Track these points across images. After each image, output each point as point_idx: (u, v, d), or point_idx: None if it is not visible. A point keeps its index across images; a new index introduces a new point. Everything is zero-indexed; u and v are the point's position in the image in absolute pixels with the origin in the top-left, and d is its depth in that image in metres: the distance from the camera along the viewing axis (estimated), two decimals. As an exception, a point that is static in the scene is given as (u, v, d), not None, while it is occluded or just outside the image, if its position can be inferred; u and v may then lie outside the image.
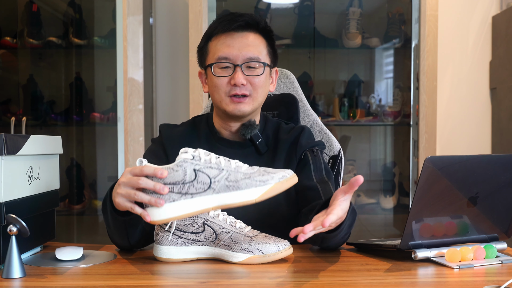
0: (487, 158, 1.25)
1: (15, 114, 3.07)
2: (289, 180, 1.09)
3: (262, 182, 1.07)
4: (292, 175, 1.10)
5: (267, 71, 1.42)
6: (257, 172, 1.09)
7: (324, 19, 3.12)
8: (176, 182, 1.08)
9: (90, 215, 3.12)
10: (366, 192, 3.18)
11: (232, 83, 1.36)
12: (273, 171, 1.10)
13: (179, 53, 3.11)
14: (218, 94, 1.39)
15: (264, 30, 1.42)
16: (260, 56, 1.39)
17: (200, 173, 1.08)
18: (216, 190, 1.07)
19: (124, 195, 1.10)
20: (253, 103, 1.39)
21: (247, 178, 1.08)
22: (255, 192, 1.07)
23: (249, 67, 1.38)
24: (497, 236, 1.25)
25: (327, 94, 3.21)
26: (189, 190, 1.08)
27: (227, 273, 1.11)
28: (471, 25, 3.18)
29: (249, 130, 1.40)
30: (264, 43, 1.42)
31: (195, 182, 1.07)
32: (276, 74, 1.50)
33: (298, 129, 1.47)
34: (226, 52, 1.37)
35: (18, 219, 1.07)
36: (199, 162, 1.08)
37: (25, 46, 3.06)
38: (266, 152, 1.44)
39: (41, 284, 1.04)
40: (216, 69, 1.38)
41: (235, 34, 1.39)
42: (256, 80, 1.38)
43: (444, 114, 3.15)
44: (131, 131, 2.69)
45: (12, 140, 1.16)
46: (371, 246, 1.28)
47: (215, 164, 1.09)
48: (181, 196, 1.08)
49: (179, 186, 1.08)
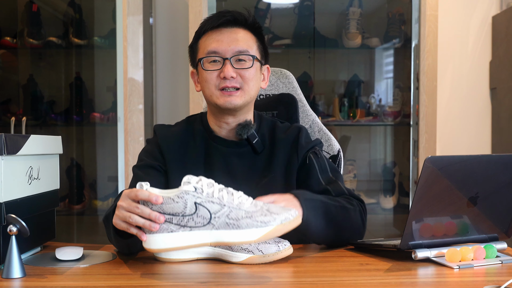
0: (487, 158, 1.25)
1: (15, 114, 3.07)
2: (291, 223, 1.06)
3: (264, 223, 1.04)
4: (295, 217, 1.06)
5: (257, 66, 1.42)
6: (260, 211, 1.06)
7: (324, 19, 3.12)
8: (176, 213, 1.05)
9: (90, 215, 3.12)
10: (366, 192, 3.19)
11: (221, 76, 1.37)
12: (276, 210, 1.06)
13: (179, 53, 3.11)
14: (208, 88, 1.39)
15: (253, 26, 1.43)
16: (249, 50, 1.39)
17: (201, 207, 1.05)
18: (216, 226, 1.05)
19: (121, 218, 1.11)
20: (244, 96, 1.39)
21: (248, 217, 1.05)
22: (255, 233, 1.04)
23: (238, 60, 1.38)
24: (497, 236, 1.25)
25: (327, 94, 3.21)
26: (188, 223, 1.05)
27: (227, 273, 1.11)
28: (471, 25, 3.18)
29: (245, 130, 1.40)
30: (254, 38, 1.43)
31: (195, 216, 1.05)
32: (268, 71, 1.50)
33: (295, 129, 1.47)
34: (215, 47, 1.38)
35: (18, 219, 1.07)
36: (201, 195, 1.05)
37: (25, 46, 3.06)
38: (263, 151, 1.44)
39: (41, 284, 1.04)
40: (206, 64, 1.39)
41: (223, 30, 1.40)
42: (246, 73, 1.38)
43: (444, 114, 3.15)
44: (131, 131, 2.69)
45: (12, 140, 1.16)
46: (371, 246, 1.28)
47: (217, 198, 1.06)
48: (180, 228, 1.06)
49: (178, 218, 1.05)
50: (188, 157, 1.42)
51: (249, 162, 1.42)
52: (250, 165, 1.42)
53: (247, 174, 1.41)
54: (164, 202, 1.05)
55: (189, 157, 1.42)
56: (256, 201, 1.09)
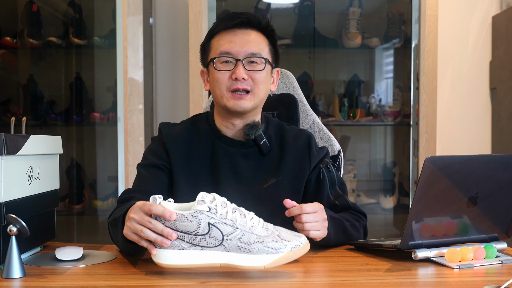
0: (487, 158, 1.25)
1: (15, 114, 3.07)
2: (301, 250, 1.07)
3: (274, 249, 1.05)
4: (305, 244, 1.08)
5: (268, 69, 1.42)
6: (271, 237, 1.07)
7: (324, 19, 3.12)
8: (189, 232, 1.06)
9: (90, 215, 3.12)
10: (366, 192, 3.18)
11: (233, 77, 1.37)
12: (287, 237, 1.07)
13: (179, 53, 3.11)
14: (219, 89, 1.39)
15: (266, 29, 1.43)
16: (261, 53, 1.40)
17: (214, 227, 1.05)
18: (227, 248, 1.06)
19: (132, 230, 1.10)
20: (254, 100, 1.39)
21: (260, 242, 1.05)
22: (265, 259, 1.05)
23: (250, 62, 1.38)
24: (497, 236, 1.25)
25: (327, 94, 3.21)
26: (200, 243, 1.06)
27: (226, 273, 1.11)
28: (471, 25, 3.18)
29: (253, 130, 1.40)
30: (266, 41, 1.43)
31: (207, 236, 1.06)
32: (277, 74, 1.50)
33: (305, 136, 1.48)
34: (228, 47, 1.38)
35: (18, 219, 1.07)
36: (215, 216, 1.06)
37: (25, 46, 3.06)
38: (269, 153, 1.44)
39: (41, 284, 1.04)
40: (218, 64, 1.39)
41: (237, 31, 1.40)
42: (257, 76, 1.38)
43: (444, 114, 3.15)
44: (131, 131, 2.69)
45: (12, 140, 1.16)
46: (371, 246, 1.28)
47: (230, 220, 1.06)
48: (191, 246, 1.06)
49: (191, 237, 1.06)
50: (193, 156, 1.42)
51: (255, 163, 1.42)
52: (256, 166, 1.42)
53: (252, 175, 1.41)
54: (178, 220, 1.06)
55: (194, 156, 1.42)
56: (267, 224, 1.10)
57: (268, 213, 1.34)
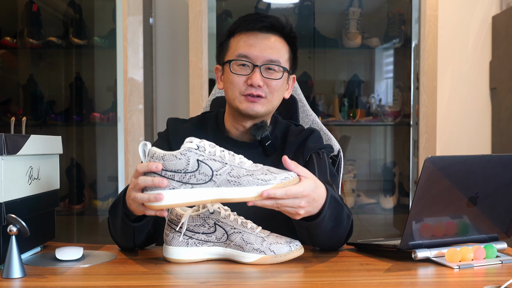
0: (487, 158, 1.25)
1: (15, 114, 3.07)
2: (291, 182, 1.08)
3: (264, 181, 1.06)
4: (294, 177, 1.09)
5: (285, 76, 1.39)
6: (260, 171, 1.08)
7: (324, 19, 3.12)
8: (178, 170, 1.07)
9: (90, 215, 3.12)
10: (366, 192, 3.18)
11: (248, 83, 1.34)
12: (276, 171, 1.09)
13: (179, 53, 3.11)
14: (232, 91, 1.37)
15: (289, 35, 1.40)
16: (281, 60, 1.36)
17: (203, 164, 1.07)
18: (217, 183, 1.07)
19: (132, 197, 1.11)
20: (267, 105, 1.37)
21: (249, 175, 1.07)
22: (255, 190, 1.06)
23: (268, 69, 1.36)
24: (497, 236, 1.25)
25: (327, 94, 3.21)
26: (190, 180, 1.07)
27: (226, 273, 1.11)
28: (471, 25, 3.18)
29: (260, 131, 1.38)
30: (287, 48, 1.40)
31: (197, 173, 1.07)
32: (293, 81, 1.47)
33: (307, 131, 1.45)
34: (247, 51, 1.35)
35: (18, 219, 1.07)
36: (203, 152, 1.07)
37: (25, 46, 3.06)
38: (273, 154, 1.42)
39: (41, 284, 1.04)
40: (234, 66, 1.36)
41: (258, 35, 1.36)
42: (273, 83, 1.36)
43: (444, 114, 3.15)
44: (131, 131, 2.69)
45: (12, 140, 1.16)
46: (371, 246, 1.28)
47: (219, 157, 1.08)
48: (181, 185, 1.07)
49: (181, 175, 1.07)
50: None
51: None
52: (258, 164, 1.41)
53: None
54: (167, 159, 1.07)
55: None
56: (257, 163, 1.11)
57: (268, 214, 1.34)
